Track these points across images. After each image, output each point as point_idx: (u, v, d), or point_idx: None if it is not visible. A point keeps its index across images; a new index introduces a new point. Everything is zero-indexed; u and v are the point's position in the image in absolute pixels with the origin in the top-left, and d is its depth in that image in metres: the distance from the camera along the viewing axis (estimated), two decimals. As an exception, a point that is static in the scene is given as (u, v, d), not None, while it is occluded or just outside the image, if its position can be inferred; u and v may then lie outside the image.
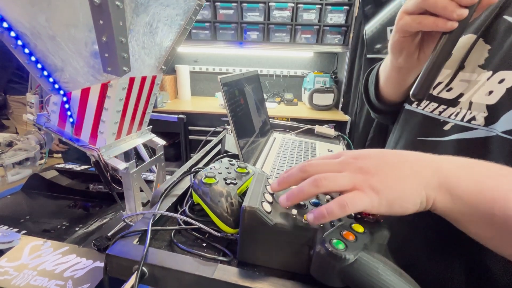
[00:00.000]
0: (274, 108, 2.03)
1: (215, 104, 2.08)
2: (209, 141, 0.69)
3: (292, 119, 1.81)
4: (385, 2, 1.53)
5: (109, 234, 0.63)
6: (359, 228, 0.28)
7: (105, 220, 0.73)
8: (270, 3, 1.88)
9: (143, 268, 0.29)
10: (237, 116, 0.57)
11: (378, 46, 1.58)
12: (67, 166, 0.97)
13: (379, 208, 0.25)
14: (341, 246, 0.25)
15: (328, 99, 2.01)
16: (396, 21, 0.36)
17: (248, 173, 0.41)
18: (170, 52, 0.68)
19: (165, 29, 0.62)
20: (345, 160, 0.28)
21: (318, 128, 0.94)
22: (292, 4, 1.87)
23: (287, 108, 2.07)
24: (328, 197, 0.33)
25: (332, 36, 1.95)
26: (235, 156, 0.59)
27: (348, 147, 0.86)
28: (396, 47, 0.39)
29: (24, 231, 0.65)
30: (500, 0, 0.36)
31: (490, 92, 0.32)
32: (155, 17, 0.56)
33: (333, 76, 2.13)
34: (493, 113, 0.32)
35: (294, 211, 0.30)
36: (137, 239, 0.33)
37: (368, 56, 1.65)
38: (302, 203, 0.32)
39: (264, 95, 2.18)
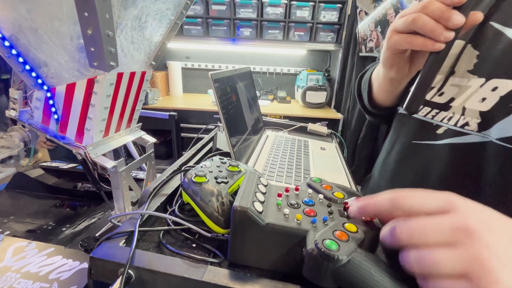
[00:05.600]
0: (267, 105, 2.03)
1: (208, 101, 2.06)
2: (201, 138, 0.67)
3: (285, 117, 1.81)
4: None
5: (97, 235, 0.61)
6: (352, 227, 0.27)
7: (93, 220, 0.70)
8: (263, 0, 1.86)
9: (129, 271, 0.27)
10: (228, 113, 0.56)
11: (370, 44, 1.59)
12: (54, 164, 0.94)
13: None
14: (334, 246, 0.24)
15: (321, 97, 2.01)
16: (386, 39, 0.37)
17: (239, 171, 0.40)
18: (160, 47, 0.66)
19: (155, 24, 0.60)
20: (460, 227, 0.20)
21: (311, 126, 0.94)
22: (285, 1, 1.86)
23: (280, 106, 2.07)
24: (321, 196, 0.33)
25: (325, 34, 1.95)
26: (226, 154, 0.58)
27: (341, 145, 0.86)
28: (387, 63, 0.40)
29: (7, 232, 0.62)
30: (486, 6, 0.36)
31: (484, 99, 0.33)
32: (144, 10, 0.54)
33: (326, 74, 2.14)
34: (487, 119, 0.32)
35: (287, 211, 0.29)
36: (123, 241, 0.32)
37: (361, 54, 1.65)
38: (293, 202, 0.31)
39: (257, 92, 2.17)
